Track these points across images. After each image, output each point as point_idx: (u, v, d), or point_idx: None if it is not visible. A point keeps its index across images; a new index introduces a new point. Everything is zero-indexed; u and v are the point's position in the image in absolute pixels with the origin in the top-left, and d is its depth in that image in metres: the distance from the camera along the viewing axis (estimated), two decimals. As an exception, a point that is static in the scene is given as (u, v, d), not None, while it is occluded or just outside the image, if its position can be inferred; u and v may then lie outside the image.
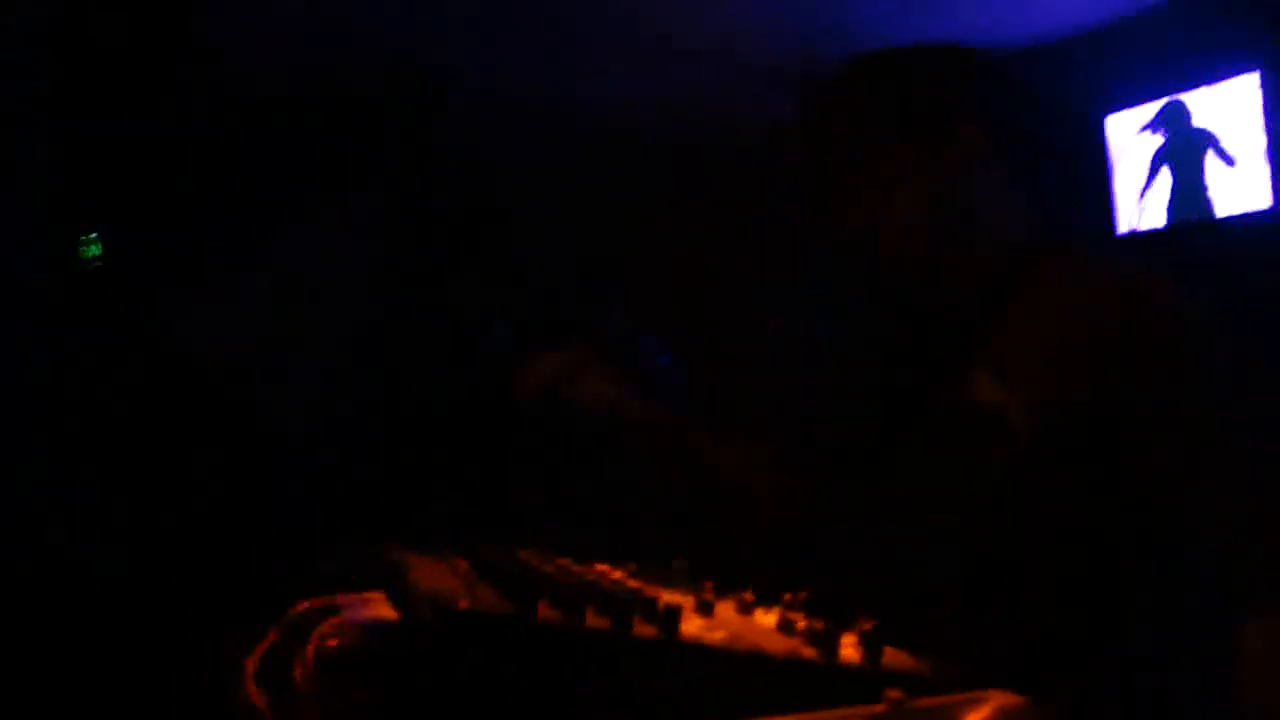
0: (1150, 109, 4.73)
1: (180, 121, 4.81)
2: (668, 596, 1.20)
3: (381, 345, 5.30)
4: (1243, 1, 4.40)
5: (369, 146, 5.34)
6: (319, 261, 5.29)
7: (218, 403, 4.57)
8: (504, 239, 5.81)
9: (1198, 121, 4.57)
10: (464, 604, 1.04)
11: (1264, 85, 4.35)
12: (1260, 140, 4.38)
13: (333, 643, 1.12)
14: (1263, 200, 4.39)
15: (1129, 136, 4.84)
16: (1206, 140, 4.52)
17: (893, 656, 1.12)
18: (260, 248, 5.10)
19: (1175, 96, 4.60)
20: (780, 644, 1.12)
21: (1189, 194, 4.62)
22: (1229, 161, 4.46)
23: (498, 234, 5.80)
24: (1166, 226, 4.71)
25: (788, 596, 1.28)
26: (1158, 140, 4.70)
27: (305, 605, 1.19)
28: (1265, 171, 4.37)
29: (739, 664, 1.06)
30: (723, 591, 1.30)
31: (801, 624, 1.17)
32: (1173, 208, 4.68)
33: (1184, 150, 4.60)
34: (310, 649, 1.12)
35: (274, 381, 4.83)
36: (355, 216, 5.40)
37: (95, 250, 4.68)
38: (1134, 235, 4.85)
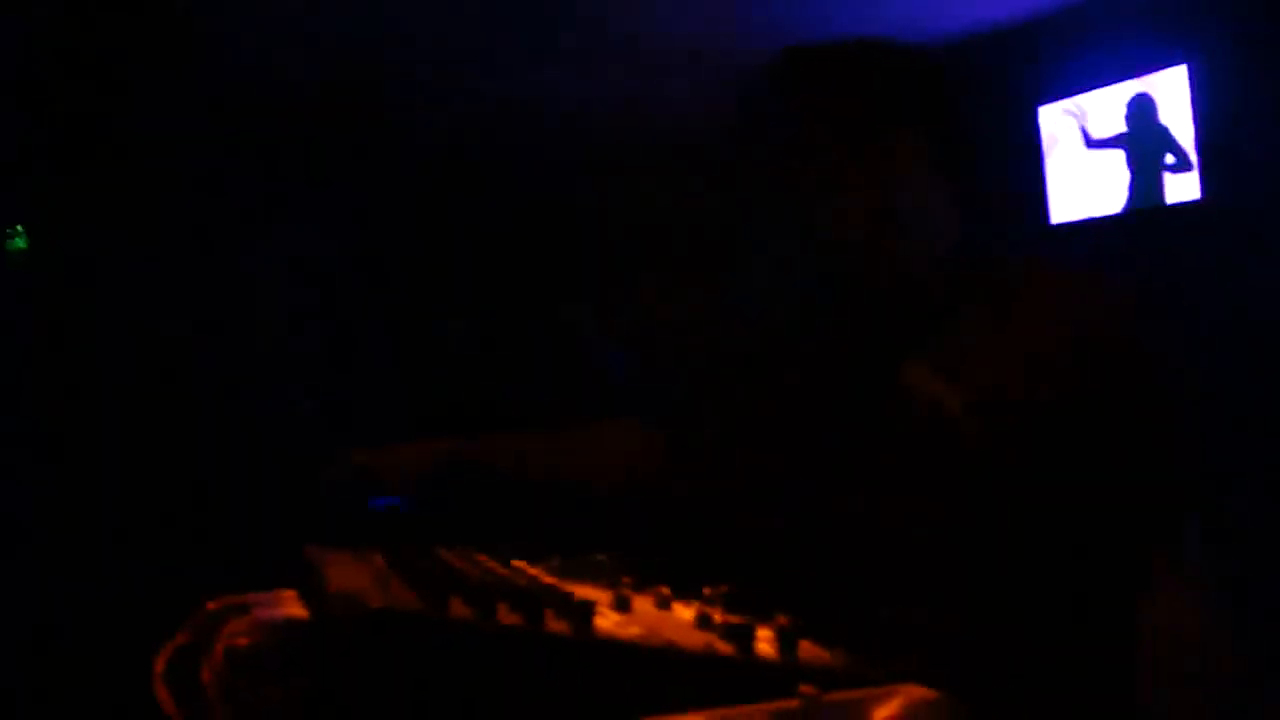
0: (1098, 96, 4.76)
1: (120, 116, 4.75)
2: (583, 592, 1.19)
3: (338, 338, 5.27)
4: (1171, -5, 4.46)
5: (327, 144, 5.30)
6: (272, 258, 5.25)
7: (151, 398, 4.52)
8: (466, 235, 5.80)
9: (1147, 113, 4.61)
10: (375, 602, 1.03)
11: (1192, 78, 4.40)
12: (1189, 132, 4.43)
13: (242, 641, 1.10)
14: (1192, 191, 4.45)
15: (1066, 126, 4.88)
16: (1164, 133, 4.54)
17: (808, 651, 1.12)
18: (210, 244, 5.06)
19: (1141, 90, 4.62)
20: (695, 639, 1.11)
21: (1146, 183, 4.65)
22: (1181, 155, 4.50)
23: (458, 230, 5.78)
24: (1121, 214, 4.74)
25: (707, 590, 1.27)
26: (1117, 129, 4.72)
27: (215, 604, 1.17)
28: (1194, 163, 4.43)
29: (652, 659, 1.06)
30: (642, 586, 1.30)
31: (719, 618, 1.16)
32: (1132, 196, 4.71)
33: (1145, 141, 4.63)
34: (219, 648, 1.11)
35: (210, 376, 4.79)
36: (313, 213, 5.37)
37: (21, 244, 4.61)
38: (1071, 225, 4.89)
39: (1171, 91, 4.46)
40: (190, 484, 4.26)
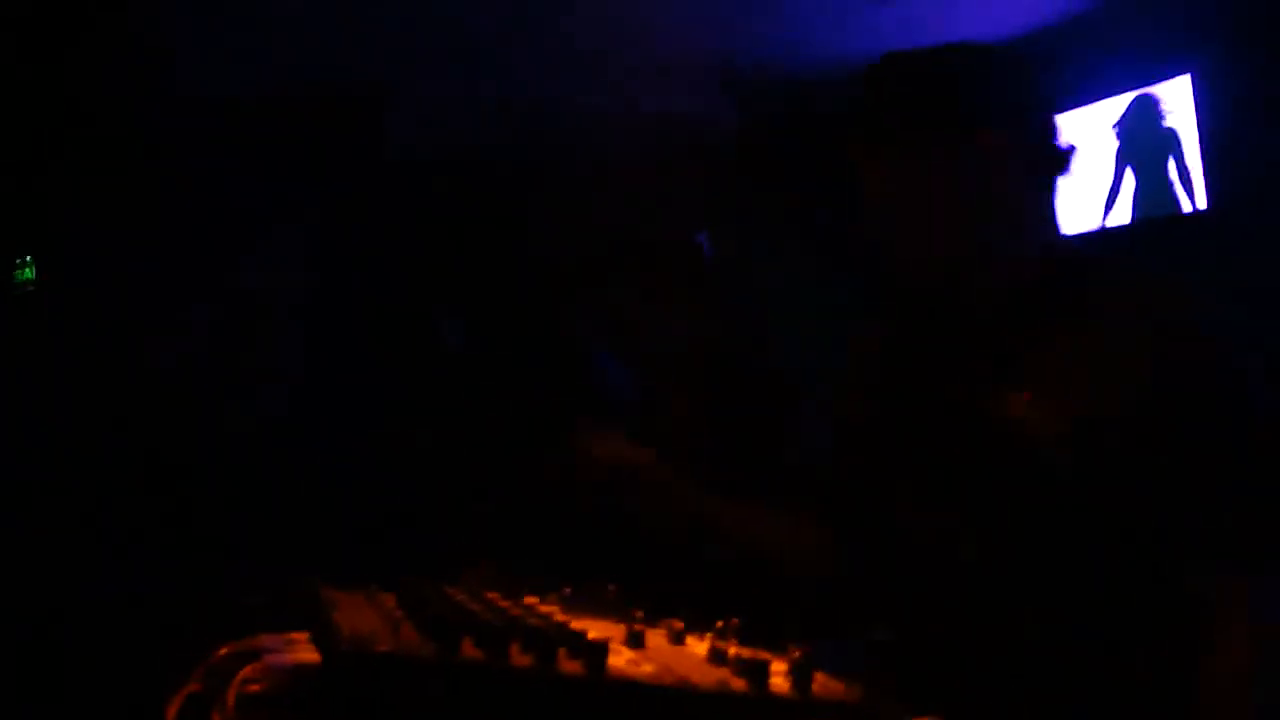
0: (1102, 107, 4.73)
1: (118, 140, 4.76)
2: (596, 627, 1.19)
3: (332, 353, 5.27)
4: (1174, 5, 4.44)
5: (316, 155, 5.30)
6: (266, 275, 5.25)
7: (154, 427, 4.51)
8: (458, 241, 5.80)
9: (1154, 120, 4.58)
10: (384, 645, 1.02)
11: (1195, 88, 4.38)
12: (1194, 142, 4.42)
13: (254, 688, 1.10)
14: (1198, 201, 4.43)
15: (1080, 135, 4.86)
16: (1172, 138, 4.51)
17: (822, 685, 1.11)
18: (205, 263, 5.06)
19: (1146, 90, 4.58)
20: (709, 675, 1.10)
21: (1154, 191, 4.62)
22: (1186, 163, 4.46)
23: (452, 237, 5.78)
24: (1129, 224, 4.71)
25: (720, 624, 1.27)
26: (1122, 136, 4.69)
27: (227, 649, 1.16)
28: (1199, 173, 4.41)
29: (665, 699, 1.05)
30: (654, 619, 1.29)
31: (732, 652, 1.16)
32: (1139, 206, 4.68)
33: (1151, 147, 4.59)
34: (231, 694, 1.10)
35: (215, 405, 4.78)
36: (302, 227, 5.37)
37: (29, 274, 4.61)
38: (1081, 236, 4.88)
39: (1176, 101, 4.45)
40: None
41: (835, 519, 1.57)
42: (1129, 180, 4.69)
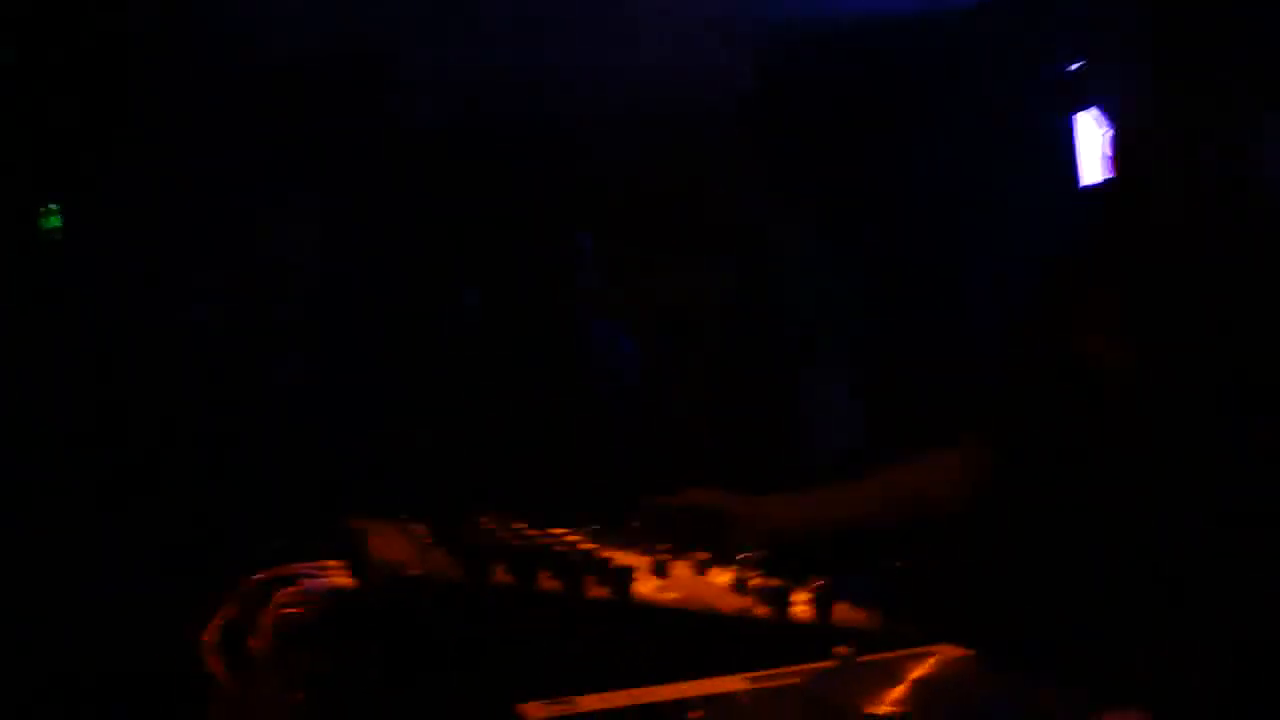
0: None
1: (139, 94, 4.77)
2: (622, 558, 1.21)
3: (347, 317, 5.29)
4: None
5: (330, 121, 5.30)
6: (284, 237, 5.27)
7: (181, 378, 4.54)
8: (471, 210, 5.79)
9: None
10: (415, 570, 1.05)
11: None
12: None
13: (290, 611, 1.13)
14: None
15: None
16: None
17: (843, 613, 1.13)
18: (224, 223, 5.07)
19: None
20: (732, 603, 1.13)
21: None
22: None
23: (465, 205, 5.78)
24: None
25: (743, 555, 1.29)
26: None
27: (263, 575, 1.19)
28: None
29: (689, 623, 1.08)
30: (679, 552, 1.32)
31: (755, 582, 1.18)
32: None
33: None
34: (266, 618, 1.13)
35: (238, 356, 4.81)
36: (318, 192, 5.38)
37: (55, 221, 4.62)
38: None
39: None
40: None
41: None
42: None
